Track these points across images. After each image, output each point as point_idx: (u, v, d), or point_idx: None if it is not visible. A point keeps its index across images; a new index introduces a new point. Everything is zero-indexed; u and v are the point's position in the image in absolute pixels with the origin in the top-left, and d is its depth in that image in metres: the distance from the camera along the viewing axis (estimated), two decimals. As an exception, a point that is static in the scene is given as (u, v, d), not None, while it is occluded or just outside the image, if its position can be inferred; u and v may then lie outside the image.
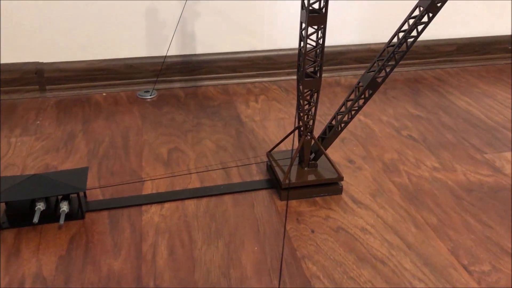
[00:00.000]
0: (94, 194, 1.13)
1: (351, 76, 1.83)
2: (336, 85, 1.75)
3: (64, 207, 1.02)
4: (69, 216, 1.03)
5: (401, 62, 1.08)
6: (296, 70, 1.06)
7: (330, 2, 1.03)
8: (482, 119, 1.50)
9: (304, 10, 0.97)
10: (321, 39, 1.00)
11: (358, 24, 1.81)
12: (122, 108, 1.55)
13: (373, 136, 1.40)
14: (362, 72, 1.19)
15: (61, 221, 1.00)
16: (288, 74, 1.79)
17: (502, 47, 1.96)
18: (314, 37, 1.00)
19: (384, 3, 1.79)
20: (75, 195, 1.05)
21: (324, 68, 1.79)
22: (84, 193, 1.09)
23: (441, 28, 1.89)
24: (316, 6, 0.96)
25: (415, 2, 1.01)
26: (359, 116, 1.50)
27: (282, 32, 1.75)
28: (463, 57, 1.95)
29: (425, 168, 1.25)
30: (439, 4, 0.99)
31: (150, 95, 1.63)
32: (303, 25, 0.98)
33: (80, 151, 1.30)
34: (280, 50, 1.77)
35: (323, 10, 0.96)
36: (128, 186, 1.16)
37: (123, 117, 1.49)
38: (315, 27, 0.98)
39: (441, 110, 1.56)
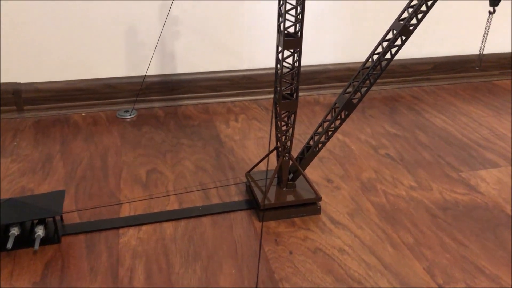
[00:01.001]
0: (71, 217, 1.11)
1: (330, 94, 1.85)
2: (315, 104, 1.77)
3: (40, 231, 1.00)
4: (45, 241, 1.02)
5: (378, 81, 1.10)
6: (275, 90, 1.07)
7: (309, 22, 1.05)
8: (458, 137, 1.53)
9: (279, 34, 0.99)
10: (297, 62, 1.01)
11: (336, 44, 1.84)
12: (101, 128, 1.54)
13: (351, 155, 1.42)
14: (340, 90, 1.21)
15: (36, 246, 0.99)
16: (269, 93, 1.80)
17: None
18: (290, 60, 1.01)
19: (361, 24, 1.82)
20: (51, 219, 1.04)
21: (303, 87, 1.82)
22: (61, 216, 1.08)
23: (418, 47, 1.93)
24: (291, 30, 0.98)
25: (390, 23, 1.04)
26: (338, 135, 1.51)
27: (262, 52, 1.77)
28: (440, 75, 1.99)
29: (402, 187, 1.26)
30: (411, 28, 1.01)
31: (130, 115, 1.63)
32: (279, 49, 1.00)
33: (57, 173, 1.29)
34: (260, 69, 1.79)
35: (298, 34, 0.98)
36: (106, 209, 1.15)
37: (102, 137, 1.48)
38: (291, 50, 1.00)
39: (417, 128, 1.59)
